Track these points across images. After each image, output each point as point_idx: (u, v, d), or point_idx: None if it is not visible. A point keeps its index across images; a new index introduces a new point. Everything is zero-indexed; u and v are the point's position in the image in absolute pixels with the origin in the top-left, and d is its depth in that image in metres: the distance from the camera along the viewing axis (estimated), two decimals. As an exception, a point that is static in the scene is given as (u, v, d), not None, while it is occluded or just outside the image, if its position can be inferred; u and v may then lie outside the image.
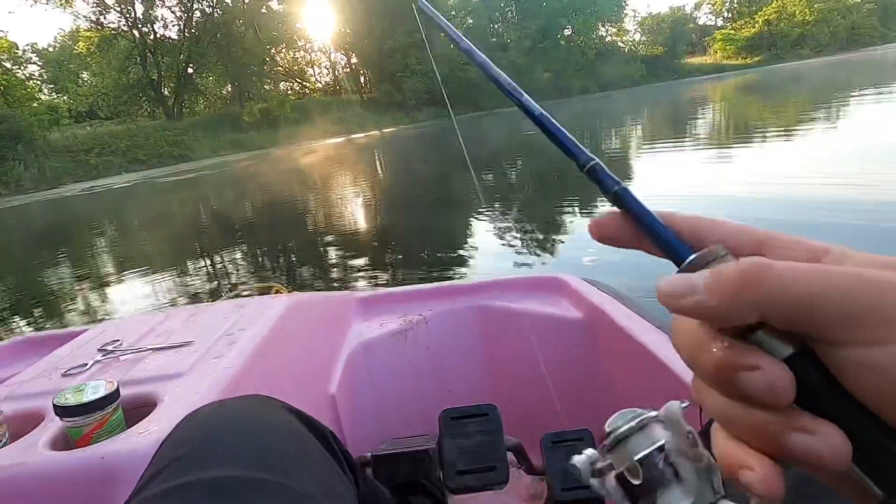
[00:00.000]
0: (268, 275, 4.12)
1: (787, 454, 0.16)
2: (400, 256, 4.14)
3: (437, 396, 1.17)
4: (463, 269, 3.44)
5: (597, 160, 0.22)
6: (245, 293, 1.52)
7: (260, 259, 4.87)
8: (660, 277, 0.18)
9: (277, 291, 1.62)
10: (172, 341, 0.83)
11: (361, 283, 3.48)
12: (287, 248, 5.09)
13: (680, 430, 0.21)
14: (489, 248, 3.86)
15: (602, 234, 0.21)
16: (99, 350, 0.83)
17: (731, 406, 0.17)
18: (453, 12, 44.56)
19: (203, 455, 0.39)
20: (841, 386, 0.15)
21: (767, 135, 7.49)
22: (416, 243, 4.37)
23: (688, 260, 0.18)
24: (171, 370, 0.73)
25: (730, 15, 60.64)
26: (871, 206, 3.24)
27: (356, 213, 6.53)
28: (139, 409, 0.65)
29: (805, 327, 0.15)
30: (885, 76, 14.98)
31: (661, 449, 0.21)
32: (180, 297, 3.78)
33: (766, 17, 53.78)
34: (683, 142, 8.26)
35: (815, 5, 51.32)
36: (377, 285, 3.12)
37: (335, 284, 3.59)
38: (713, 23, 62.50)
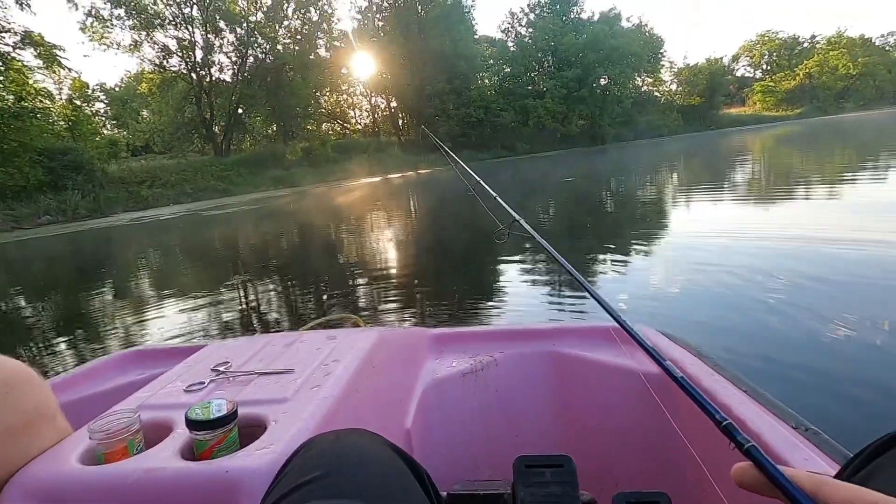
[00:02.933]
0: (341, 304, 4.31)
1: None
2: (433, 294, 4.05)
3: (507, 440, 1.18)
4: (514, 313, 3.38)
5: (752, 442, 0.28)
6: (323, 322, 1.66)
7: (323, 289, 4.98)
8: None
9: (355, 323, 1.71)
10: (275, 366, 0.90)
11: (409, 317, 3.54)
12: (335, 282, 5.09)
13: None
14: (530, 292, 3.72)
15: (742, 481, 0.28)
16: (212, 370, 0.90)
17: None
18: (491, 61, 46.14)
19: (326, 483, 0.41)
20: None
21: (802, 186, 7.20)
22: (448, 282, 4.30)
23: None
24: (276, 395, 0.78)
25: (768, 67, 60.52)
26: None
27: (392, 250, 6.52)
28: (250, 428, 0.70)
29: None
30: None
31: None
32: (271, 323, 4.03)
33: (807, 70, 53.38)
34: (719, 191, 8.02)
35: (860, 59, 50.67)
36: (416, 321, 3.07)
37: (403, 316, 3.70)
38: (751, 74, 62.47)
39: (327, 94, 41.76)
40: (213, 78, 33.95)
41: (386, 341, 1.07)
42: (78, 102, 29.27)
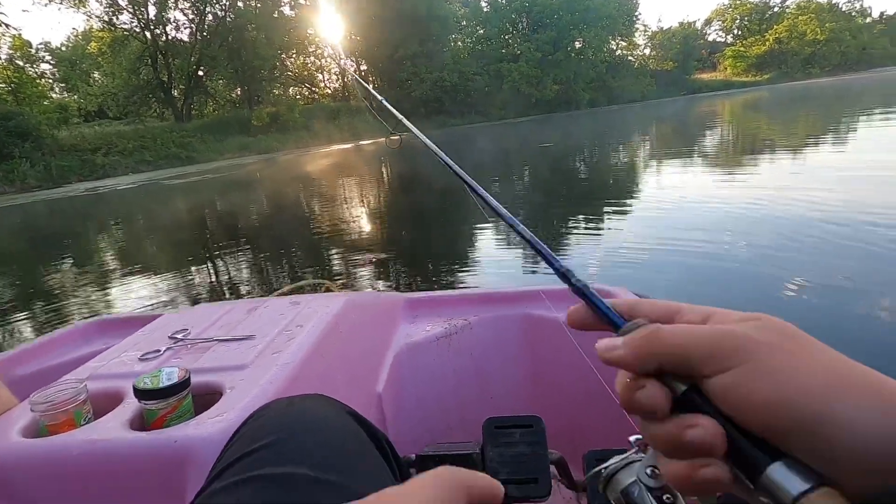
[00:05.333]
0: (314, 272, 4.19)
1: (689, 446, 0.22)
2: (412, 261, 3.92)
3: (480, 402, 1.20)
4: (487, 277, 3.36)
5: (566, 268, 0.31)
6: (298, 289, 1.55)
7: (298, 258, 4.87)
8: (599, 340, 0.26)
9: (328, 289, 1.68)
10: (235, 333, 0.87)
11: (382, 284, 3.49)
12: (312, 249, 4.89)
13: (651, 468, 0.27)
14: (503, 256, 3.64)
15: (574, 321, 0.29)
16: (170, 338, 0.88)
17: (652, 425, 0.24)
18: (464, 22, 44.72)
19: (275, 451, 0.40)
20: (714, 405, 0.23)
21: (771, 152, 7.32)
22: (423, 251, 4.18)
23: (620, 328, 0.26)
24: (234, 362, 0.76)
25: (739, 32, 60.73)
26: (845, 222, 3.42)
27: (365, 217, 6.31)
28: (205, 396, 0.69)
29: (685, 369, 0.24)
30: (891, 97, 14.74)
31: (637, 483, 0.27)
32: (240, 286, 3.98)
33: (777, 35, 53.79)
34: (694, 157, 8.05)
35: (826, 25, 51.30)
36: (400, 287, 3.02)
37: (378, 283, 3.63)
38: (723, 39, 62.64)
39: (293, 56, 39.86)
40: (170, 37, 31.87)
41: (355, 306, 1.05)
42: (20, 63, 27.09)
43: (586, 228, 4.50)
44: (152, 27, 30.54)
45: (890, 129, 8.74)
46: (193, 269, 4.81)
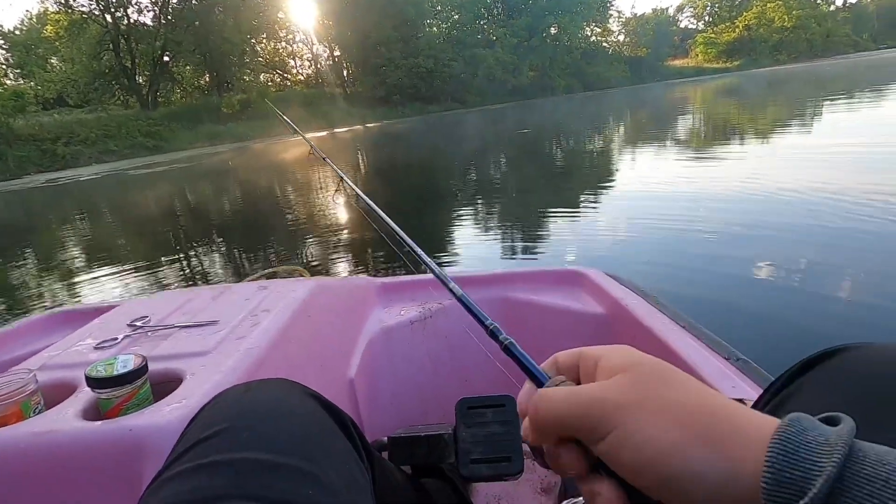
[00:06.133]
0: (286, 259, 4.10)
1: (596, 499, 0.25)
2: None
3: (456, 386, 1.20)
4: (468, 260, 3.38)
5: (495, 325, 0.36)
6: (269, 276, 1.55)
7: (269, 245, 4.74)
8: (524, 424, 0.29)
9: (300, 275, 1.61)
10: (198, 319, 0.85)
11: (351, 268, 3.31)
12: (290, 236, 4.77)
13: None
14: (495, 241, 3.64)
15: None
16: (129, 325, 0.85)
17: (578, 483, 0.26)
18: (439, 7, 44.12)
19: (230, 437, 0.39)
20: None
21: (742, 138, 7.51)
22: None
23: (544, 385, 0.29)
24: (196, 348, 0.74)
25: (710, 19, 61.63)
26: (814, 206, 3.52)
27: (341, 207, 6.20)
28: (166, 384, 0.67)
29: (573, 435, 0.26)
30: (855, 83, 15.21)
31: None
32: (206, 277, 3.88)
33: (746, 21, 54.80)
34: (669, 142, 8.17)
35: (794, 12, 52.46)
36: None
37: (352, 267, 3.59)
38: (694, 26, 63.51)
39: (264, 40, 38.72)
40: (132, 20, 30.53)
41: (326, 290, 1.03)
42: (-31, 47, 25.57)
43: (566, 211, 4.53)
44: (112, 10, 29.19)
45: (854, 113, 9.00)
46: (161, 259, 4.66)
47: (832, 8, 58.80)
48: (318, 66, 42.39)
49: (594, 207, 4.52)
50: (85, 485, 0.55)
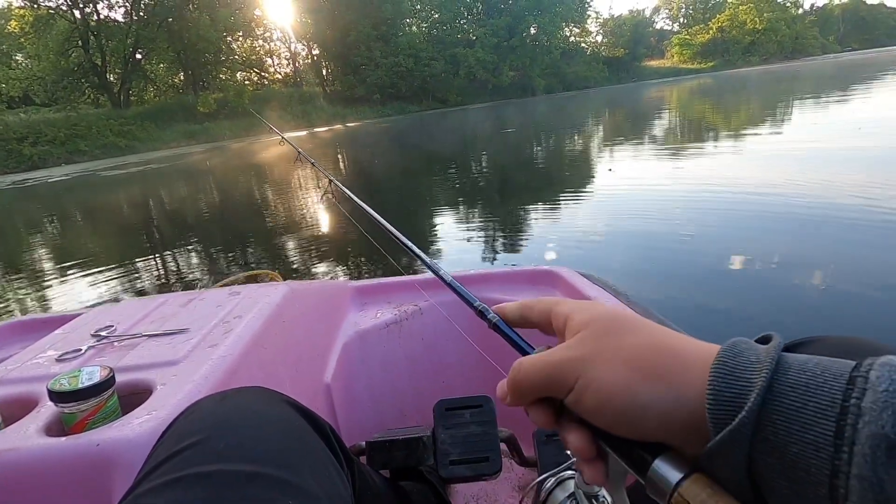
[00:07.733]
0: (260, 262, 4.04)
1: (572, 447, 0.29)
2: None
3: (433, 387, 1.19)
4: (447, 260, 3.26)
5: (483, 305, 0.38)
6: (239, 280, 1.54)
7: (245, 248, 4.62)
8: (498, 385, 0.33)
9: (271, 279, 1.58)
10: (168, 327, 0.82)
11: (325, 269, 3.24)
12: (265, 238, 4.64)
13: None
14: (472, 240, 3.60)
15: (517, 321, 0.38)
16: (93, 335, 0.81)
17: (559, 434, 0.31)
18: (419, 5, 43.97)
19: (206, 449, 0.38)
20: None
21: (717, 137, 7.66)
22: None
23: (530, 353, 0.33)
24: (166, 357, 0.71)
25: (685, 21, 62.91)
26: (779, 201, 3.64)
27: (321, 208, 6.10)
28: (134, 395, 0.65)
29: (546, 395, 0.30)
30: (821, 86, 15.69)
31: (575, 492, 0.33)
32: (177, 283, 3.76)
33: (720, 23, 56.09)
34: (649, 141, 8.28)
35: (764, 14, 53.90)
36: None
37: (328, 270, 3.52)
38: (670, 27, 64.75)
39: (240, 38, 38.00)
40: (102, 16, 29.60)
41: (299, 295, 1.01)
42: (-73, 42, 24.45)
43: (544, 210, 4.54)
44: (81, 5, 28.26)
45: (823, 112, 9.27)
46: (130, 264, 4.49)
47: (800, 11, 60.62)
48: (297, 64, 41.84)
49: (572, 206, 4.53)
50: (50, 502, 0.53)
